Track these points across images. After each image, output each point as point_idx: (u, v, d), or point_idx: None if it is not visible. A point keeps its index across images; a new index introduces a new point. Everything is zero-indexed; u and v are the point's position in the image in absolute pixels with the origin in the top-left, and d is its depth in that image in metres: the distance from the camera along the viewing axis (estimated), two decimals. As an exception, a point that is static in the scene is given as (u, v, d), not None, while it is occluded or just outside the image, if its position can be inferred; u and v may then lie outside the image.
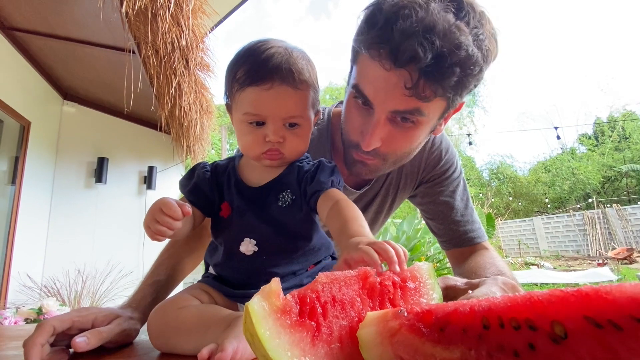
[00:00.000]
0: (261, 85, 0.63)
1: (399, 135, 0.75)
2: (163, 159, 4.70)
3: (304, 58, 0.69)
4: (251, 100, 0.65)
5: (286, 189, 0.69)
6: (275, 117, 0.65)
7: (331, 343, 0.36)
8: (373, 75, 0.71)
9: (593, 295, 0.26)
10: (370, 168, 0.82)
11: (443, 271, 5.78)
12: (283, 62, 0.64)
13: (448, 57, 0.63)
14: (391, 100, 0.70)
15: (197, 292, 0.67)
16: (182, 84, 3.07)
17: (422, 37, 0.62)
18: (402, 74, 0.66)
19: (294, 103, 0.65)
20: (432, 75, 0.64)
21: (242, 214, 0.68)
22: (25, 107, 3.39)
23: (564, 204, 17.84)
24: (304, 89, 0.66)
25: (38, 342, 0.52)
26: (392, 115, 0.72)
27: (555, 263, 9.97)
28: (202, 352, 0.46)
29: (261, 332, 0.32)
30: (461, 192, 1.00)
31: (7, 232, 3.28)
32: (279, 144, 0.66)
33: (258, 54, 0.65)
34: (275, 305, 0.35)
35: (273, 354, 0.32)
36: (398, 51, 0.64)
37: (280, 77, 0.63)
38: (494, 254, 0.93)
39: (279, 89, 0.63)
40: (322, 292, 0.39)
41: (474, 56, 0.65)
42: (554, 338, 0.26)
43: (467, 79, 0.67)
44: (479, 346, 0.29)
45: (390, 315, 0.35)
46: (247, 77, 0.64)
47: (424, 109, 0.70)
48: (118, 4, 2.17)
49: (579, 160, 19.72)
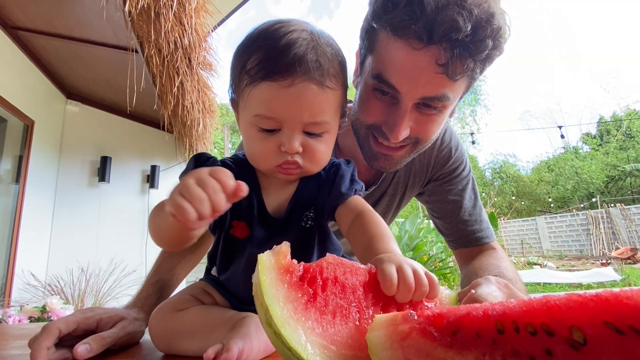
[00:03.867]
0: (279, 80, 0.50)
1: (426, 121, 0.73)
2: (166, 158, 4.70)
3: (332, 46, 0.56)
4: (265, 99, 0.52)
5: (309, 206, 0.61)
6: (294, 122, 0.52)
7: (323, 314, 0.37)
8: (399, 60, 0.66)
9: (613, 300, 0.25)
10: (394, 160, 0.79)
11: (445, 271, 5.77)
12: (309, 51, 0.51)
13: (486, 26, 0.62)
14: (420, 87, 0.67)
15: (198, 292, 0.65)
16: (184, 83, 3.07)
17: (459, 6, 0.60)
18: (434, 51, 0.63)
19: (320, 105, 0.52)
20: (467, 47, 0.62)
21: (262, 244, 0.59)
22: (28, 107, 3.40)
23: (567, 203, 17.74)
24: (335, 87, 0.54)
25: (44, 345, 0.52)
26: (418, 103, 0.70)
27: (558, 263, 9.92)
28: (208, 352, 0.45)
29: (262, 279, 0.36)
30: (470, 191, 0.98)
31: (11, 231, 3.30)
32: (297, 155, 0.55)
33: (276, 39, 0.52)
34: (281, 262, 0.39)
35: (268, 300, 0.35)
36: (433, 25, 0.60)
37: (305, 72, 0.50)
38: (500, 254, 0.92)
39: (301, 87, 0.50)
40: (326, 269, 0.41)
41: (502, 28, 0.64)
42: (572, 344, 0.25)
43: (494, 52, 0.66)
44: (493, 351, 0.28)
45: (400, 319, 0.35)
46: (261, 68, 0.51)
47: (450, 93, 0.68)
48: (121, 3, 2.16)
49: (582, 159, 19.62)
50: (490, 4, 0.63)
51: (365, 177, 0.96)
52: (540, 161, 22.45)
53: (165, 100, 3.19)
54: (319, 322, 0.36)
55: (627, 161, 17.33)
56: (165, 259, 0.84)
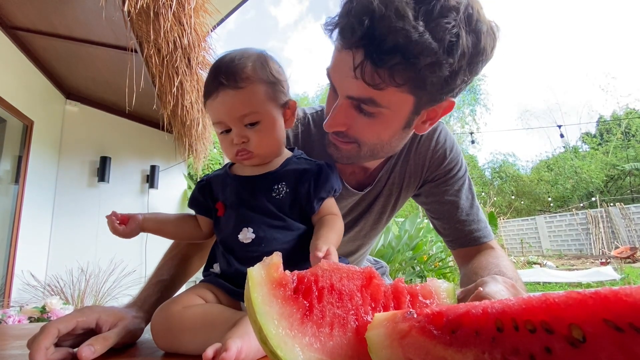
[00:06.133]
0: (210, 97, 0.67)
1: (364, 124, 0.75)
2: (165, 158, 4.70)
3: (251, 57, 0.69)
4: (210, 112, 0.70)
5: (282, 181, 0.71)
6: (232, 121, 0.67)
7: (321, 327, 0.36)
8: (334, 58, 0.72)
9: (612, 297, 0.25)
10: (343, 153, 0.82)
11: (445, 270, 5.77)
12: (223, 67, 0.66)
13: (386, 39, 0.61)
14: (346, 85, 0.70)
15: (202, 291, 0.66)
16: (184, 82, 3.07)
17: (354, 15, 0.63)
18: (349, 54, 0.66)
19: (240, 102, 0.66)
20: (371, 57, 0.64)
21: (236, 207, 0.70)
22: (28, 107, 3.40)
23: (567, 202, 17.76)
24: (247, 84, 0.66)
25: (43, 346, 0.52)
26: (352, 102, 0.72)
27: (558, 262, 9.93)
28: (207, 351, 0.45)
29: (254, 297, 0.34)
30: (466, 190, 0.98)
31: (10, 231, 3.30)
32: (244, 144, 0.68)
33: (210, 70, 0.69)
34: (273, 276, 0.37)
35: (261, 319, 0.33)
36: (343, 28, 0.66)
37: (220, 83, 0.66)
38: (499, 253, 0.92)
39: (222, 94, 0.66)
40: (322, 277, 0.40)
41: (422, 44, 0.60)
42: (571, 342, 0.25)
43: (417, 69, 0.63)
44: (492, 349, 0.28)
45: (400, 317, 0.35)
46: (204, 93, 0.70)
47: (379, 100, 0.69)
48: (120, 3, 2.16)
49: (582, 158, 19.63)
50: (394, 20, 0.60)
51: (361, 178, 0.97)
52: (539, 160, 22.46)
53: (165, 100, 3.18)
54: (316, 337, 0.35)
55: (627, 160, 17.34)
56: (167, 261, 0.85)
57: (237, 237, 0.67)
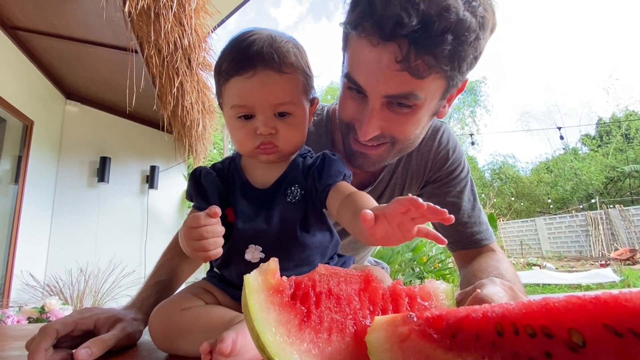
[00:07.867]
0: (244, 73, 0.60)
1: (399, 120, 0.72)
2: (165, 159, 4.70)
3: (289, 42, 0.65)
4: (236, 91, 0.62)
5: (294, 183, 0.67)
6: (263, 107, 0.61)
7: (319, 332, 0.36)
8: (363, 58, 0.67)
9: (612, 302, 0.25)
10: (372, 159, 0.79)
11: (444, 272, 5.77)
12: (265, 46, 0.61)
13: (436, 21, 0.59)
14: (384, 84, 0.66)
15: (200, 291, 0.66)
16: (184, 83, 3.07)
17: (406, 1, 0.59)
18: (391, 47, 0.62)
19: (282, 88, 0.61)
20: (422, 43, 0.60)
21: (249, 219, 0.64)
22: (28, 107, 3.40)
23: (567, 204, 17.75)
24: (291, 72, 0.62)
25: (42, 347, 0.52)
26: (387, 101, 0.69)
27: (557, 264, 9.92)
28: (203, 345, 0.46)
29: (251, 304, 0.34)
30: (468, 192, 0.98)
31: (10, 231, 3.29)
32: (271, 136, 0.62)
33: (240, 43, 0.63)
34: (270, 282, 0.37)
35: (259, 326, 0.33)
36: (382, 20, 0.61)
37: (263, 62, 0.60)
38: (500, 255, 0.92)
39: (262, 75, 0.60)
40: (319, 282, 0.40)
41: (467, 21, 0.60)
42: (571, 346, 0.25)
43: (462, 48, 0.62)
44: (492, 353, 0.28)
45: (400, 321, 0.35)
46: (230, 67, 0.62)
47: (418, 91, 0.66)
48: (121, 4, 2.16)
49: (581, 160, 19.63)
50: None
51: (362, 178, 0.96)
52: (539, 162, 22.44)
53: (165, 101, 3.18)
54: (314, 343, 0.35)
55: (626, 162, 17.35)
56: (165, 261, 0.84)
57: (243, 255, 0.63)
